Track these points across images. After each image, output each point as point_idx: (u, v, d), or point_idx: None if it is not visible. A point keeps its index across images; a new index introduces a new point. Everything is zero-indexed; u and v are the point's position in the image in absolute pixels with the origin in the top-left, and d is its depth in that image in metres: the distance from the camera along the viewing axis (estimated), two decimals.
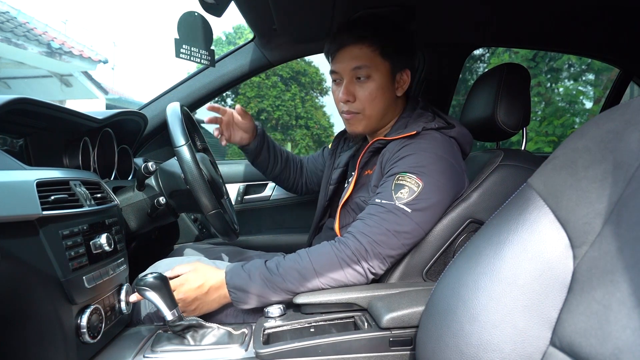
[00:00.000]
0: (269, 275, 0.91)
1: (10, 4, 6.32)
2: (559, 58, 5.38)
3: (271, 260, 0.94)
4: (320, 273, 0.90)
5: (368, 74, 1.04)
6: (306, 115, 8.62)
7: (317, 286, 0.91)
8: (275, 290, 0.90)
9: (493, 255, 0.55)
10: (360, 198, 1.05)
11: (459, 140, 1.05)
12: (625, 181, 0.45)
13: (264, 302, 0.92)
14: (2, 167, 0.71)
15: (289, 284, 0.90)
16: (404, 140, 1.00)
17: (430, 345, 0.60)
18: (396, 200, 0.92)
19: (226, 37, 11.43)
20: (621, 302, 0.40)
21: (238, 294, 0.91)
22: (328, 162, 1.32)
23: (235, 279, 0.92)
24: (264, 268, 0.92)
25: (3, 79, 6.97)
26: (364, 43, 1.03)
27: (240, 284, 0.91)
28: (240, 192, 1.85)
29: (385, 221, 0.91)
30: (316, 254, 0.92)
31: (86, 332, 0.75)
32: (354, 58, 1.04)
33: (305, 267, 0.91)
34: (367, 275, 0.92)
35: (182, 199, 1.17)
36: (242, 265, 0.94)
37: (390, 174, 0.96)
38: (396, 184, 0.93)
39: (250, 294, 0.91)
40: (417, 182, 0.92)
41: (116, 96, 9.08)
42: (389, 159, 0.99)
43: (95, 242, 0.82)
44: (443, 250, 0.97)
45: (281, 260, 0.94)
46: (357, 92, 1.06)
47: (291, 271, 0.91)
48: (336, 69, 1.08)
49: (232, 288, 0.92)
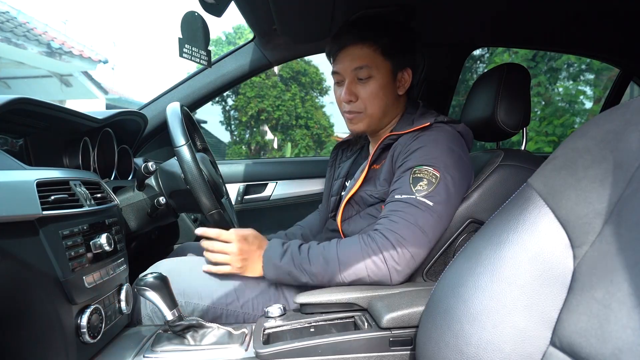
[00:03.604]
0: (298, 254, 0.94)
1: (10, 4, 6.32)
2: (559, 58, 5.38)
3: (306, 244, 0.98)
4: (343, 263, 0.91)
5: (369, 74, 1.05)
6: (306, 115, 8.61)
7: (337, 276, 0.92)
8: (300, 270, 0.93)
9: (493, 255, 0.55)
10: (366, 192, 1.05)
11: (464, 137, 1.05)
12: (625, 181, 0.45)
13: (288, 279, 0.95)
14: (2, 167, 0.71)
15: (313, 267, 0.92)
16: (415, 133, 1.00)
17: (430, 345, 0.60)
18: (416, 193, 0.92)
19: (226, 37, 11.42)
20: (621, 302, 0.40)
21: (268, 264, 0.96)
22: (328, 175, 1.32)
23: (271, 250, 0.97)
24: (296, 247, 0.96)
25: (3, 79, 6.97)
26: (365, 43, 1.04)
27: (273, 256, 0.96)
28: (240, 192, 1.85)
29: (410, 215, 0.91)
30: (344, 245, 0.94)
31: (86, 332, 0.75)
32: (355, 58, 1.05)
33: (330, 254, 0.93)
34: (391, 274, 0.90)
35: (182, 199, 1.17)
36: (282, 243, 0.99)
37: (405, 169, 0.96)
38: (414, 178, 0.94)
39: (278, 268, 0.95)
40: (434, 174, 0.93)
41: (116, 96, 9.07)
42: (401, 152, 0.99)
43: (95, 242, 0.82)
44: (443, 250, 0.97)
45: (314, 244, 0.97)
46: (358, 92, 1.07)
47: (318, 256, 0.93)
48: (338, 70, 1.08)
49: (265, 257, 0.97)
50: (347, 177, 1.21)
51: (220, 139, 8.87)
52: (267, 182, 1.86)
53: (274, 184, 1.87)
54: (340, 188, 1.21)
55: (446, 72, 1.70)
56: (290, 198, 1.86)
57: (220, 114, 8.84)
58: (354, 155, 1.26)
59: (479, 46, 1.84)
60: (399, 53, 1.06)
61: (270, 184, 1.86)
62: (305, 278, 0.94)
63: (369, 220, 1.04)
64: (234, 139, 8.95)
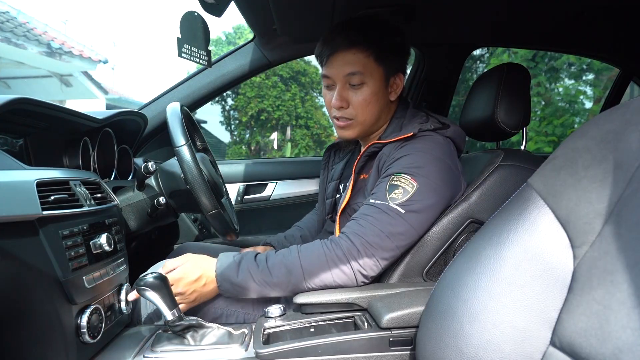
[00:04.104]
0: (256, 268, 0.90)
1: (10, 4, 6.32)
2: (559, 58, 5.38)
3: (263, 253, 0.94)
4: (307, 270, 0.89)
5: (362, 81, 1.01)
6: (306, 115, 8.61)
7: (302, 284, 0.90)
8: (261, 284, 0.89)
9: (493, 255, 0.55)
10: (357, 205, 1.03)
11: (454, 140, 1.03)
12: (625, 181, 0.45)
13: (250, 295, 0.91)
14: (2, 167, 0.71)
15: (275, 278, 0.89)
16: (400, 142, 0.98)
17: (430, 345, 0.60)
18: (390, 200, 0.90)
19: (226, 37, 11.42)
20: (621, 302, 0.40)
21: (225, 284, 0.91)
22: (322, 177, 1.30)
23: (224, 269, 0.91)
24: (252, 260, 0.91)
25: (3, 79, 6.97)
26: (358, 48, 0.99)
27: (228, 275, 0.91)
28: (240, 192, 1.85)
29: (378, 222, 0.90)
30: (306, 251, 0.91)
31: (86, 332, 0.75)
32: (347, 64, 1.00)
33: (292, 262, 0.90)
34: (356, 277, 0.90)
35: (182, 199, 1.17)
36: (234, 256, 0.93)
37: (385, 175, 0.95)
38: (390, 185, 0.92)
39: (237, 286, 0.90)
40: (411, 183, 0.91)
41: (116, 96, 9.07)
42: (386, 162, 0.98)
43: (95, 242, 0.82)
44: (443, 250, 0.97)
45: (271, 253, 0.93)
46: (350, 98, 1.03)
47: (279, 266, 0.90)
48: (329, 74, 1.04)
49: (220, 278, 0.91)
50: (341, 180, 1.20)
51: (220, 139, 8.87)
52: (267, 182, 1.86)
53: (274, 184, 1.87)
54: (335, 191, 1.20)
55: (446, 72, 1.70)
56: (290, 198, 1.86)
57: (220, 114, 8.85)
58: (347, 157, 1.24)
59: (479, 46, 1.85)
60: (391, 58, 1.03)
61: (270, 184, 1.87)
62: (268, 290, 0.90)
63: None
64: (234, 139, 8.95)
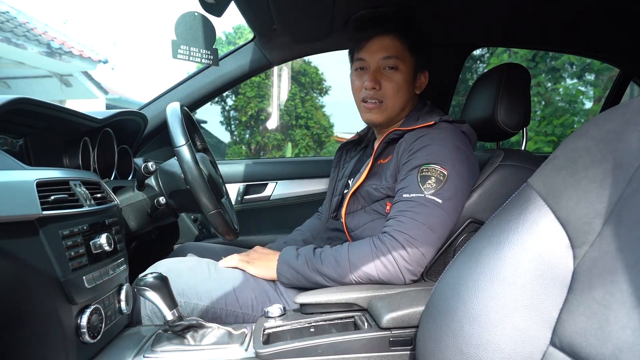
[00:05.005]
0: (312, 256, 0.98)
1: (10, 4, 6.32)
2: (559, 58, 5.38)
3: (320, 248, 1.02)
4: (353, 264, 0.93)
5: (396, 65, 1.07)
6: (306, 115, 8.60)
7: (348, 277, 0.93)
8: (313, 271, 0.96)
9: (493, 255, 0.55)
10: (371, 186, 1.05)
11: (468, 137, 1.06)
12: (625, 181, 0.45)
13: (302, 280, 0.99)
14: (2, 167, 0.71)
15: (325, 268, 0.95)
16: (421, 131, 1.01)
17: (430, 345, 0.60)
18: (425, 191, 0.93)
19: (226, 37, 11.42)
20: (621, 302, 0.40)
21: (283, 266, 1.01)
22: (332, 175, 1.32)
23: (285, 254, 1.03)
24: (310, 251, 1.01)
25: (3, 79, 6.97)
26: (395, 35, 1.07)
27: (287, 258, 1.01)
28: (240, 192, 1.85)
29: (418, 215, 0.91)
30: (355, 246, 0.96)
31: (86, 332, 0.75)
32: (384, 48, 1.07)
33: (342, 255, 0.95)
34: (403, 274, 0.91)
35: (182, 199, 1.17)
36: (297, 248, 1.04)
37: (411, 167, 0.97)
38: (422, 176, 0.94)
39: (292, 269, 0.99)
40: (442, 172, 0.94)
41: (116, 96, 9.06)
42: (406, 149, 1.00)
43: (95, 242, 0.82)
44: (443, 250, 0.97)
45: (327, 247, 1.00)
46: (383, 81, 1.08)
47: (329, 257, 0.96)
48: (364, 57, 1.10)
49: (280, 260, 1.02)
50: (351, 176, 1.22)
51: (220, 139, 8.87)
52: (267, 182, 1.86)
53: (274, 184, 1.87)
54: (343, 187, 1.21)
55: (446, 72, 1.70)
56: (290, 198, 1.86)
57: (220, 114, 8.84)
58: (358, 155, 1.26)
59: (479, 46, 1.84)
60: (421, 51, 1.10)
61: (270, 184, 1.86)
62: (318, 278, 0.96)
63: (373, 215, 1.04)
64: (234, 139, 8.94)
